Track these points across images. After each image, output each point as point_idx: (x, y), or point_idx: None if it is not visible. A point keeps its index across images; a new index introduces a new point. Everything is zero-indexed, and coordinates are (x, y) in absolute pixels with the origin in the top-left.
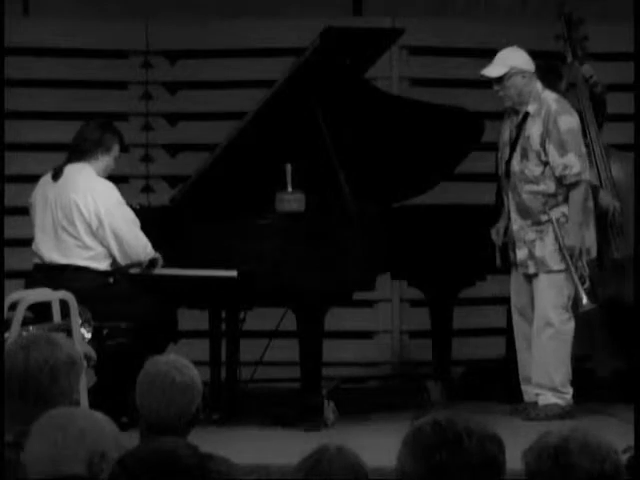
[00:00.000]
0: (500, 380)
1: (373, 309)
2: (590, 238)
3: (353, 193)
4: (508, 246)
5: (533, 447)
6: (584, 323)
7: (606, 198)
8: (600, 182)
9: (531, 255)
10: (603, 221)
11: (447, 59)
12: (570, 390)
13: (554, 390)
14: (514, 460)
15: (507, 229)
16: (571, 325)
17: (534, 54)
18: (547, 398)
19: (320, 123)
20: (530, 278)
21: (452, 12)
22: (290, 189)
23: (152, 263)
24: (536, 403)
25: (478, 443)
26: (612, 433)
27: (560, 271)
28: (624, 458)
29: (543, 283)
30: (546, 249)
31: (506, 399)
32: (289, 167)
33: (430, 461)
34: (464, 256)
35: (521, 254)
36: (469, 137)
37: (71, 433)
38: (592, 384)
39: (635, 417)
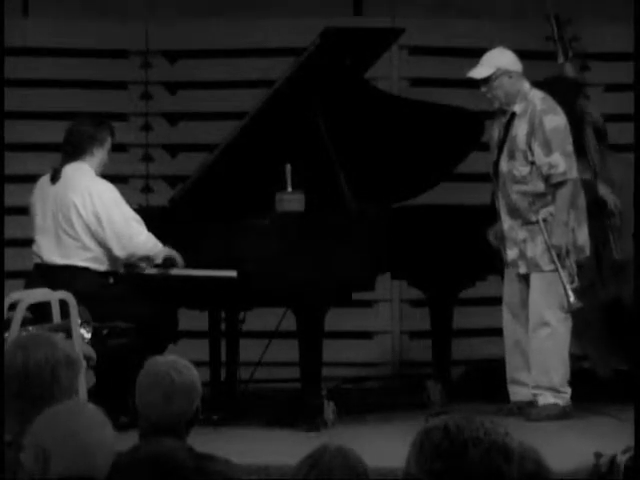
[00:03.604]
0: (500, 380)
1: (373, 309)
2: (583, 236)
3: (353, 193)
4: (500, 246)
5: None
6: (583, 323)
7: (606, 191)
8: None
9: (522, 255)
10: (605, 222)
11: (447, 59)
12: (569, 390)
13: (553, 390)
14: None
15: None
16: (568, 324)
17: (534, 55)
18: (546, 398)
19: (320, 123)
20: (522, 277)
21: (452, 12)
22: (290, 189)
23: (168, 262)
24: (528, 402)
25: (483, 453)
26: (612, 433)
27: (552, 271)
28: (624, 458)
29: (536, 283)
30: (537, 249)
31: (506, 399)
32: (289, 167)
33: (432, 467)
34: (464, 256)
35: (512, 254)
36: (469, 137)
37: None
38: (592, 384)
39: (635, 417)
